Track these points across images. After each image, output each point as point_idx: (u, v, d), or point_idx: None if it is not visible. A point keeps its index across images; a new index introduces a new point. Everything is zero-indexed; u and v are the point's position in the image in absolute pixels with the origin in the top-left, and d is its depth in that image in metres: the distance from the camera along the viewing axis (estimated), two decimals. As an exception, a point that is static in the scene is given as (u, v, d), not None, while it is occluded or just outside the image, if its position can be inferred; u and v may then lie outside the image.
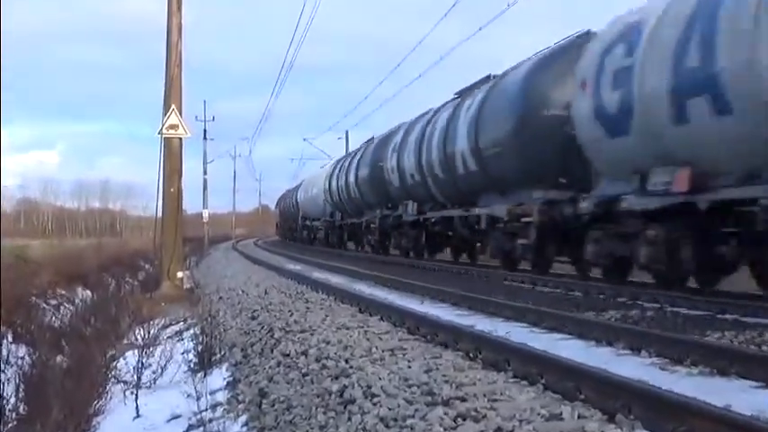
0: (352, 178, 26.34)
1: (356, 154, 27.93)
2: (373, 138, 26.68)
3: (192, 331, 9.00)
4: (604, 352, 5.59)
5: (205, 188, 43.63)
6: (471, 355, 5.17)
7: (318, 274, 15.29)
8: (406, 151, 19.19)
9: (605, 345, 5.87)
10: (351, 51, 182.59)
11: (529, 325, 7.11)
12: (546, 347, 5.11)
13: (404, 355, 5.26)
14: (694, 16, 7.48)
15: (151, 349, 7.60)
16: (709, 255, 8.03)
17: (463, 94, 16.52)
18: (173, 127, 14.16)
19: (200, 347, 7.21)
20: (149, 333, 8.51)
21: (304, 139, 53.95)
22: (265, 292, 10.82)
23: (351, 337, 6.12)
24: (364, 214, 25.36)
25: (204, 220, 42.67)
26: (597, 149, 9.50)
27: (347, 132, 50.61)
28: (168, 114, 14.17)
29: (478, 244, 16.60)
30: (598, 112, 9.26)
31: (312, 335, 6.34)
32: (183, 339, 8.84)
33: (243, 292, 11.40)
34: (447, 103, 17.49)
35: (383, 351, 5.39)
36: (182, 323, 10.57)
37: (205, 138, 44.63)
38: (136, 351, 7.55)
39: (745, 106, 6.74)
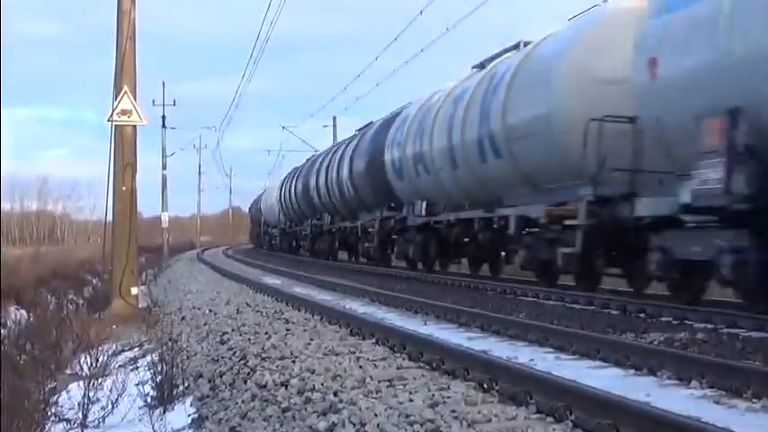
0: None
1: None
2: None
3: (149, 358, 9.00)
4: (646, 382, 5.63)
5: (164, 187, 43.82)
6: (486, 386, 5.21)
7: (301, 290, 15.36)
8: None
9: (647, 373, 5.92)
10: (339, 21, 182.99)
11: (555, 350, 7.16)
12: (575, 376, 5.11)
13: (404, 386, 5.30)
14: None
15: (100, 381, 7.58)
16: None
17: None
18: (125, 113, 14.18)
19: (158, 378, 7.20)
20: (97, 361, 8.49)
21: (283, 128, 53.77)
22: (237, 311, 10.92)
23: (340, 364, 6.15)
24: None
25: (163, 225, 42.82)
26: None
27: (335, 119, 50.84)
28: (120, 98, 14.18)
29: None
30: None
31: (294, 362, 6.37)
32: (138, 368, 8.84)
33: (210, 311, 11.52)
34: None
35: (379, 382, 5.44)
36: (137, 349, 10.57)
37: (164, 126, 44.93)
38: (81, 383, 7.52)
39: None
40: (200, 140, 69.27)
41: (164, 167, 44.36)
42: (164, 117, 44.70)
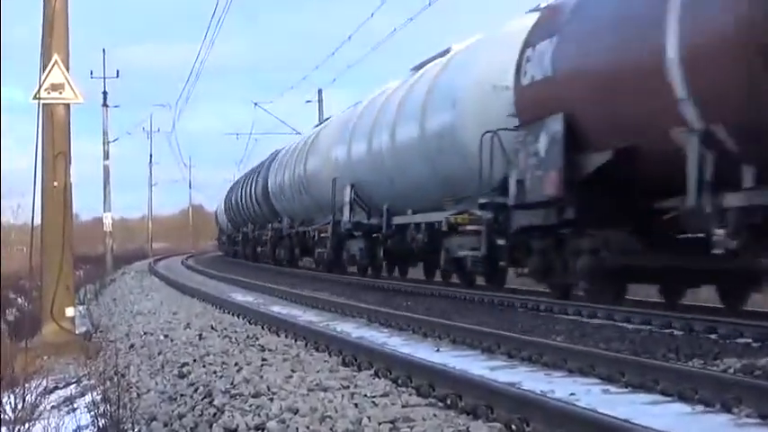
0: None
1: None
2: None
3: (89, 398, 9.00)
4: (720, 422, 5.68)
5: (107, 181, 43.93)
6: (514, 427, 5.22)
7: (280, 308, 15.49)
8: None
9: (720, 410, 5.96)
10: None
11: (602, 381, 7.18)
12: (629, 414, 5.09)
13: (411, 429, 5.31)
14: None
15: (27, 426, 7.53)
16: None
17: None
18: (56, 88, 14.14)
19: (101, 422, 7.20)
20: (24, 402, 8.48)
21: (255, 105, 53.77)
22: (200, 337, 11.00)
23: (330, 402, 6.15)
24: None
25: (106, 229, 42.91)
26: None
27: (320, 93, 50.95)
28: (49, 69, 14.15)
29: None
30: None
31: (271, 400, 6.38)
32: (75, 410, 8.83)
33: (166, 336, 11.59)
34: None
35: (380, 424, 5.46)
36: (74, 386, 10.53)
37: (105, 104, 44.90)
38: (3, 429, 7.48)
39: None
40: (150, 122, 68.76)
41: (105, 157, 44.52)
42: (105, 93, 44.74)
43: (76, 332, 14.00)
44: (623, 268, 12.97)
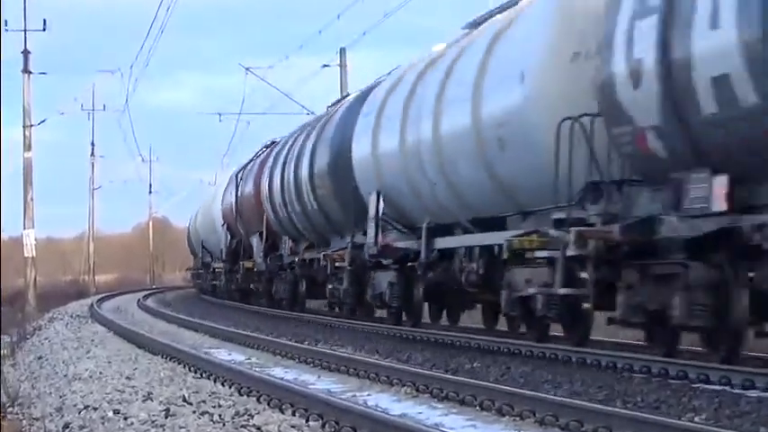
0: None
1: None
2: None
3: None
4: None
5: (29, 182, 43.92)
6: None
7: (282, 371, 15.47)
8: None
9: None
10: None
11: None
12: None
13: None
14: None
15: None
16: None
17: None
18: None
19: None
20: None
21: (247, 70, 53.33)
22: (167, 414, 10.95)
23: None
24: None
25: (27, 254, 42.99)
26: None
27: (343, 53, 50.14)
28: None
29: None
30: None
31: None
32: None
33: (117, 413, 11.41)
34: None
35: None
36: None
37: (27, 70, 45.04)
38: None
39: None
40: (93, 96, 69.08)
41: (27, 147, 44.57)
42: (26, 52, 44.91)
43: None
44: None
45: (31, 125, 44.90)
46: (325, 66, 50.16)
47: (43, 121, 51.76)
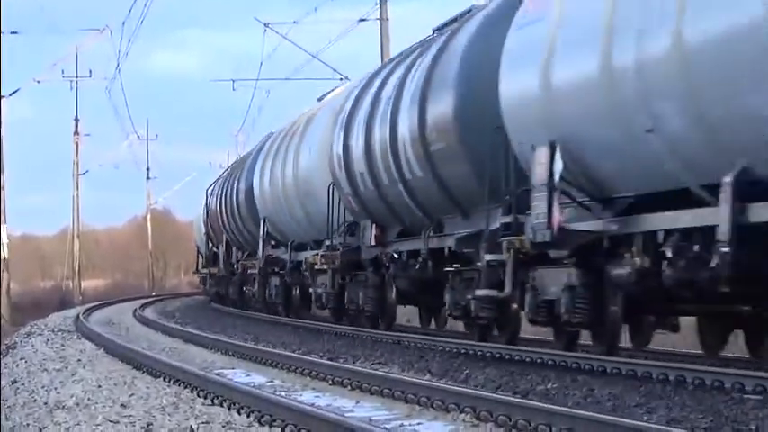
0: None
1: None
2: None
3: None
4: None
5: None
6: None
7: (314, 396, 15.20)
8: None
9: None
10: None
11: None
12: None
13: None
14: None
15: None
16: None
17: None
18: None
19: None
20: None
21: (266, 27, 50.72)
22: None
23: None
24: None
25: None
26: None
27: (383, 4, 42.87)
28: None
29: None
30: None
31: None
32: None
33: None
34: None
35: None
36: None
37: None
38: None
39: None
40: (76, 60, 68.21)
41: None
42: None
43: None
44: None
45: (1, 96, 43.64)
46: (362, 20, 45.26)
47: (16, 92, 51.37)
